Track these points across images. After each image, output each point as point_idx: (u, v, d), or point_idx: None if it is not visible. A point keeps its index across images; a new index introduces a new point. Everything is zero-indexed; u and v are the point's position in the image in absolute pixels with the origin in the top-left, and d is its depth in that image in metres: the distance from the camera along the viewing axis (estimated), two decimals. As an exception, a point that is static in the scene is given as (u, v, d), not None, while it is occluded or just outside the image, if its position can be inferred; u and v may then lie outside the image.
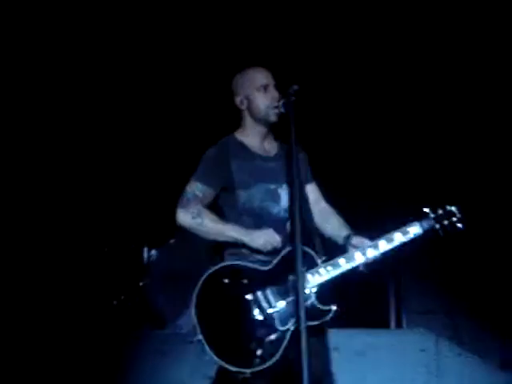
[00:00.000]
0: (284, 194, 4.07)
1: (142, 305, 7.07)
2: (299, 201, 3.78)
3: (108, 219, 7.41)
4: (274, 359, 3.75)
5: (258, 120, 4.15)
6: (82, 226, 7.26)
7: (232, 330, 3.84)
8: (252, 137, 4.18)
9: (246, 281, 3.91)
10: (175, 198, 7.43)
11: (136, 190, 7.53)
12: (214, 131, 4.24)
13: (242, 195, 4.05)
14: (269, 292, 3.86)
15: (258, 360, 3.76)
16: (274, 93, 4.08)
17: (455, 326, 6.59)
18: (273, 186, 4.05)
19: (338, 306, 3.87)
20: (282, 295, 3.84)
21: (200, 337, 3.82)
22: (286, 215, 4.05)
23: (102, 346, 6.08)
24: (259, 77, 4.13)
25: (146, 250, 7.29)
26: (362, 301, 6.67)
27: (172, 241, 7.22)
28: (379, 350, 6.02)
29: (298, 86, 3.88)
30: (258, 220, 4.03)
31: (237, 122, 4.25)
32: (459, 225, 3.84)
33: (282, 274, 3.87)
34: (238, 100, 4.17)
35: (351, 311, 4.22)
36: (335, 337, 4.12)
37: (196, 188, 4.12)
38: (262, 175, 4.06)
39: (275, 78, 4.17)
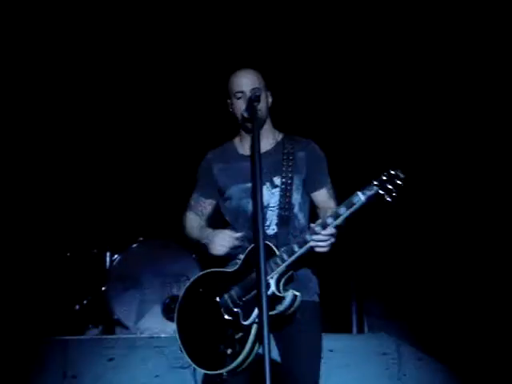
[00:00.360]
0: (265, 190, 4.10)
1: (104, 309, 7.05)
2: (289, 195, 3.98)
3: (71, 224, 7.37)
4: (242, 355, 3.84)
5: (239, 124, 4.21)
6: (46, 231, 7.22)
7: (207, 336, 3.96)
8: (244, 138, 4.24)
9: (215, 286, 4.03)
10: (138, 203, 7.46)
11: (99, 195, 7.51)
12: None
13: (225, 196, 4.18)
14: (233, 291, 3.96)
15: (228, 359, 3.87)
16: None
17: (416, 331, 6.64)
18: (251, 184, 4.07)
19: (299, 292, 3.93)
20: (245, 291, 3.92)
21: (181, 347, 4.01)
22: (265, 211, 4.08)
23: (53, 349, 6.05)
24: (236, 83, 4.16)
25: (108, 254, 7.26)
26: (324, 306, 6.69)
27: (134, 245, 7.20)
28: (341, 355, 6.05)
29: (259, 91, 3.95)
30: (235, 218, 4.13)
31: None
32: (401, 185, 3.77)
33: (246, 271, 3.95)
34: (228, 103, 4.24)
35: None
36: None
37: (192, 198, 4.36)
38: (242, 175, 4.11)
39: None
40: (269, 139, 4.22)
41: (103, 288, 7.13)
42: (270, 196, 4.10)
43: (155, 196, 7.54)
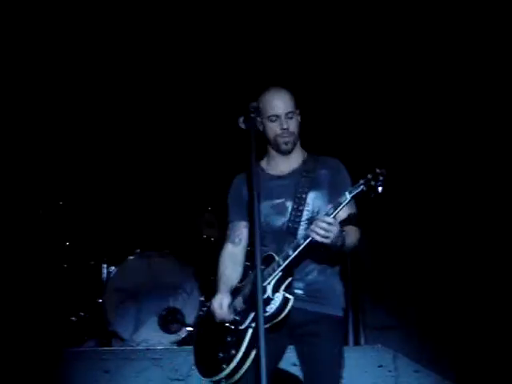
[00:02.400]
0: (290, 207, 4.15)
1: (100, 321, 7.04)
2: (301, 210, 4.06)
3: (67, 236, 7.37)
4: (236, 359, 3.92)
5: (270, 145, 4.26)
6: (42, 242, 7.22)
7: (212, 345, 4.10)
8: (273, 158, 4.28)
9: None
10: (135, 214, 7.46)
11: (96, 207, 7.51)
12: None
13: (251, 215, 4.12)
14: (236, 301, 4.08)
15: (224, 365, 3.96)
16: (283, 124, 4.14)
17: (414, 343, 6.64)
18: (279, 201, 4.15)
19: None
20: (245, 299, 4.04)
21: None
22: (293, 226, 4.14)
23: (47, 362, 6.03)
24: (272, 106, 4.16)
25: (105, 266, 7.25)
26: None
27: (131, 257, 7.19)
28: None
29: (257, 103, 3.97)
30: (263, 235, 4.08)
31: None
32: (384, 182, 3.82)
33: (250, 280, 4.06)
34: (258, 121, 4.16)
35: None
36: (295, 353, 4.19)
37: (228, 227, 4.33)
38: (269, 193, 4.15)
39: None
40: (297, 158, 4.28)
41: (100, 300, 7.12)
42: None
43: (152, 208, 7.55)
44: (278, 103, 4.17)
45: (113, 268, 7.21)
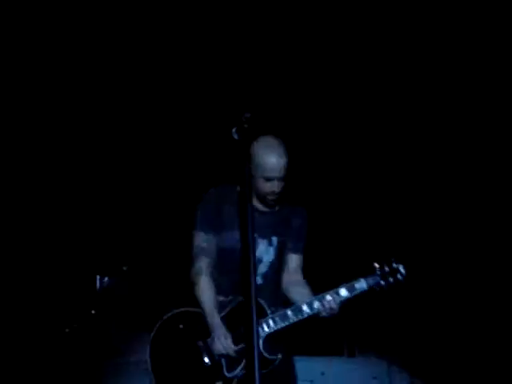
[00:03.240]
0: (262, 244, 4.14)
1: (95, 333, 7.02)
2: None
3: (61, 246, 7.35)
4: None
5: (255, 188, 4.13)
6: (35, 253, 7.20)
7: (182, 373, 3.97)
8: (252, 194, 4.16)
9: (195, 327, 4.02)
10: (129, 225, 7.45)
11: (89, 216, 7.50)
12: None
13: (221, 236, 4.11)
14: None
15: None
16: (274, 187, 4.06)
17: (407, 355, 6.64)
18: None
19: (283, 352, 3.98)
20: (236, 341, 3.92)
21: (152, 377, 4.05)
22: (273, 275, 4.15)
23: (39, 374, 6.02)
24: (268, 168, 4.04)
25: (98, 277, 7.24)
26: (315, 329, 6.68)
27: (125, 268, 7.18)
28: (332, 378, 6.04)
29: (249, 113, 3.92)
30: (224, 258, 4.10)
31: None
32: (402, 281, 3.93)
33: (235, 322, 3.97)
34: (249, 166, 4.10)
35: (305, 339, 4.26)
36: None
37: (200, 239, 4.14)
38: None
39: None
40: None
41: (93, 311, 7.10)
42: (265, 252, 4.14)
43: (148, 217, 7.54)
44: (276, 167, 4.03)
45: (106, 279, 7.20)
